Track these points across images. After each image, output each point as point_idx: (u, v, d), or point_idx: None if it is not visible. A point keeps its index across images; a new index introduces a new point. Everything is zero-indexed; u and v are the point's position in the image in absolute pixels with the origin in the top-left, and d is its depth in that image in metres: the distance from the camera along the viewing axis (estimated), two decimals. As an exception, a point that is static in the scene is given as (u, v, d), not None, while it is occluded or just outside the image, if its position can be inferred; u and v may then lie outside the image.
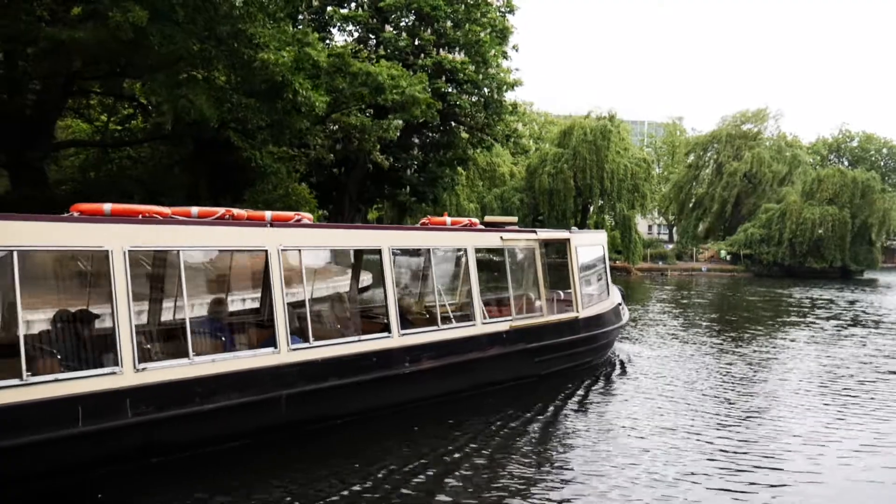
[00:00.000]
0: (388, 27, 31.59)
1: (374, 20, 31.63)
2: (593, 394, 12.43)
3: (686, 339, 19.26)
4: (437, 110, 26.38)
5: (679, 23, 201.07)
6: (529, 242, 13.06)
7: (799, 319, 25.19)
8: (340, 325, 10.55)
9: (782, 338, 20.18)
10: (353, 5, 32.33)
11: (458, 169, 37.97)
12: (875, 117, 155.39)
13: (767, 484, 8.05)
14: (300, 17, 27.05)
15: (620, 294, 16.34)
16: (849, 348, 18.33)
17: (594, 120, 53.59)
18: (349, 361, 9.47)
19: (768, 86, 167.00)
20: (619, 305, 15.69)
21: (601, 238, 16.31)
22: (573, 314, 13.33)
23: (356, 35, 32.27)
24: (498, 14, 32.83)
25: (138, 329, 7.89)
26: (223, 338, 8.97)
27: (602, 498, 7.58)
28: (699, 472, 8.33)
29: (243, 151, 19.67)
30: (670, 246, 68.14)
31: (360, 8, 32.07)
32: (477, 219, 13.42)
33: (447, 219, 12.43)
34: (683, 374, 14.28)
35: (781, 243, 56.54)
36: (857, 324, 24.18)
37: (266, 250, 9.02)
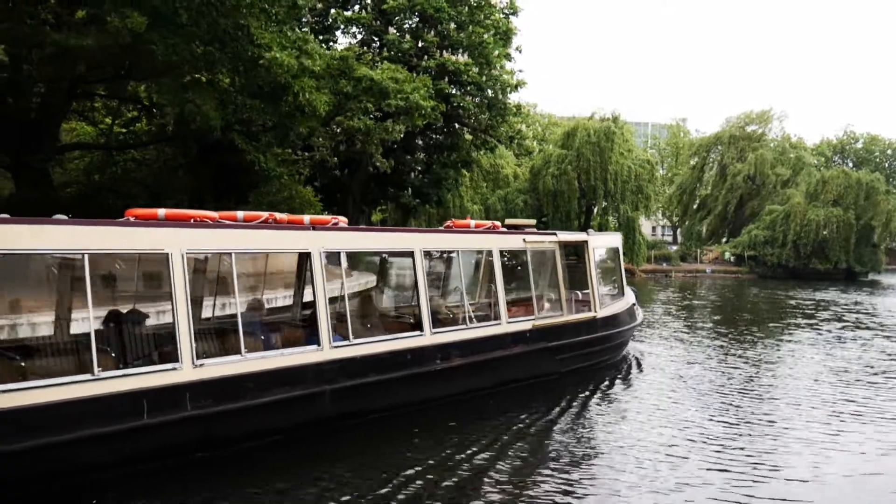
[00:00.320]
0: (392, 29, 31.55)
1: (378, 22, 31.60)
2: (607, 393, 12.67)
3: (693, 341, 19.24)
4: (441, 112, 26.35)
5: (682, 23, 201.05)
6: (550, 244, 13.47)
7: (803, 321, 25.10)
8: (375, 324, 11.03)
9: (787, 340, 20.12)
10: (357, 8, 32.32)
11: (463, 171, 37.93)
12: (880, 119, 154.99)
13: (773, 490, 7.97)
14: (304, 20, 27.00)
15: (634, 295, 16.63)
16: (853, 350, 18.27)
17: (598, 121, 53.50)
18: (386, 358, 9.90)
19: (772, 87, 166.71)
20: (634, 305, 16.06)
21: (617, 240, 16.68)
22: (591, 314, 13.76)
23: (360, 37, 32.26)
24: (501, 16, 32.76)
25: (194, 327, 8.24)
26: (267, 335, 9.41)
27: None
28: (703, 479, 8.26)
29: (247, 154, 19.66)
30: (674, 247, 68.03)
31: (364, 10, 32.05)
32: (480, 221, 13.66)
33: (471, 221, 12.92)
34: (691, 376, 14.32)
35: (785, 245, 56.36)
36: (863, 326, 24.09)
37: (309, 252, 9.44)
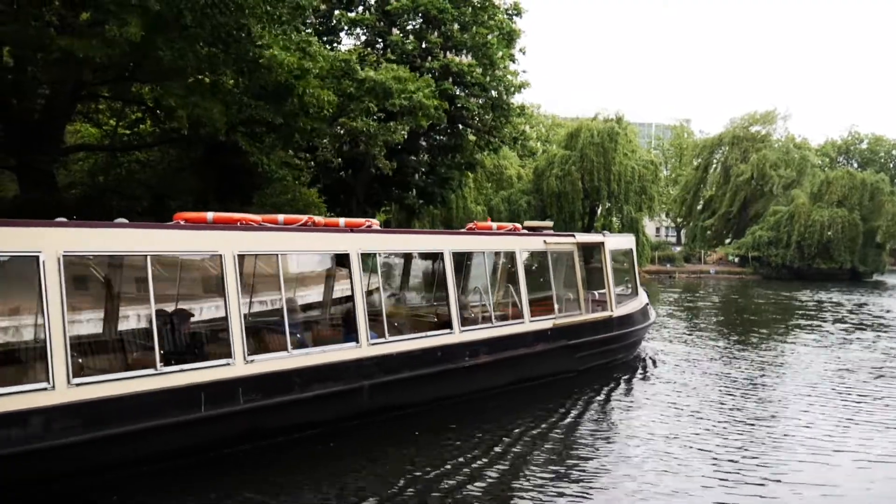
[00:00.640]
0: (395, 30, 31.54)
1: (382, 23, 31.59)
2: (625, 390, 13.04)
3: (700, 342, 19.28)
4: (445, 111, 26.34)
5: (686, 24, 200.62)
6: (569, 245, 13.90)
7: (808, 322, 25.03)
8: (404, 323, 11.45)
9: (792, 341, 20.06)
10: (361, 9, 32.33)
11: (467, 173, 37.91)
12: (885, 119, 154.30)
13: (780, 496, 7.89)
14: (307, 22, 26.99)
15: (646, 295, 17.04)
16: (858, 352, 18.19)
17: (601, 122, 53.42)
18: (419, 355, 10.31)
19: (777, 87, 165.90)
20: (647, 305, 16.49)
21: (631, 241, 17.17)
22: (607, 313, 14.17)
23: (363, 38, 32.28)
24: (505, 17, 32.74)
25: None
26: (301, 333, 9.82)
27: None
28: (709, 485, 8.20)
29: (251, 156, 19.67)
30: (678, 248, 67.90)
31: (368, 11, 32.06)
32: (503, 223, 14.11)
33: (492, 224, 13.40)
34: (699, 376, 14.44)
35: (790, 245, 56.17)
36: (868, 327, 24.00)
37: (348, 253, 9.87)
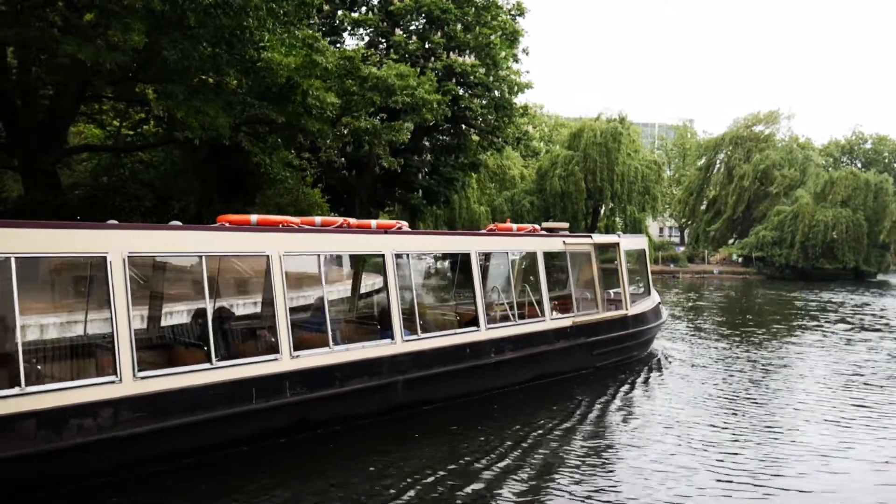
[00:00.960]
0: (398, 30, 31.55)
1: (385, 24, 31.61)
2: (638, 388, 13.28)
3: (707, 341, 19.28)
4: (448, 108, 26.33)
5: (689, 23, 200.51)
6: (587, 246, 14.36)
7: (814, 323, 24.95)
8: (431, 320, 11.86)
9: (797, 342, 19.98)
10: (364, 9, 32.35)
11: (470, 173, 37.90)
12: (889, 119, 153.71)
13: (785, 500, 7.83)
14: (311, 22, 27.00)
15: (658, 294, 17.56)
16: (863, 353, 18.14)
17: (604, 122, 53.43)
18: (449, 352, 10.77)
19: (780, 87, 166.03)
20: (659, 304, 17.00)
21: (644, 242, 17.72)
22: (623, 312, 14.62)
23: (367, 39, 32.29)
24: (508, 17, 32.73)
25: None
26: (342, 330, 10.41)
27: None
28: (715, 488, 8.16)
29: (254, 156, 19.68)
30: (682, 248, 67.79)
31: (371, 12, 32.08)
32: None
33: (512, 225, 13.85)
34: (711, 373, 14.67)
35: (793, 246, 56.00)
36: (873, 327, 23.92)
37: (383, 254, 10.33)
